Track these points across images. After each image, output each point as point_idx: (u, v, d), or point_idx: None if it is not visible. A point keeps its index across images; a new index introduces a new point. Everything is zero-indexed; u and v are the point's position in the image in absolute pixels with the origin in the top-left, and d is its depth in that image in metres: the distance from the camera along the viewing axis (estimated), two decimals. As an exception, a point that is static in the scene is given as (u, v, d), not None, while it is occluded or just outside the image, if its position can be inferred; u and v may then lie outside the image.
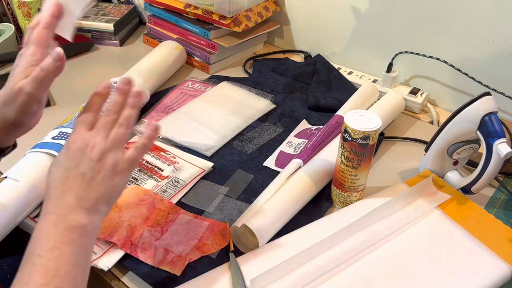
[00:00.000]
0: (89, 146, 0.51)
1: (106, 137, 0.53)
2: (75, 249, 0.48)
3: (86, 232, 0.49)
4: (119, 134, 0.53)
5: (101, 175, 0.51)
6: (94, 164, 0.51)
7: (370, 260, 0.65)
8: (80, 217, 0.49)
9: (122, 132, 0.53)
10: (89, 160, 0.51)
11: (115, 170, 0.52)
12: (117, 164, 0.52)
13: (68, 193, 0.50)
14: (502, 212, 0.75)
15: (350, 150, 0.67)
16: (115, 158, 0.52)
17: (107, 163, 0.51)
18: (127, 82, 0.56)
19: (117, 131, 0.53)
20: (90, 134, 0.52)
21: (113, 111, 0.54)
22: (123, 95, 0.55)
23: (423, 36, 0.96)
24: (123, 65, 1.10)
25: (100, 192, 0.51)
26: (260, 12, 1.11)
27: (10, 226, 0.66)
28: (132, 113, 0.55)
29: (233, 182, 0.78)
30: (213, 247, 0.66)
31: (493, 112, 0.69)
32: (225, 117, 0.92)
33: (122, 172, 0.53)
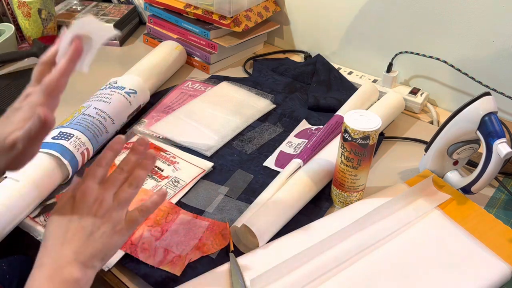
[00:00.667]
0: (96, 202, 0.52)
1: (112, 195, 0.54)
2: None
3: (79, 286, 0.50)
4: (126, 193, 0.54)
5: (101, 232, 0.52)
6: (97, 220, 0.52)
7: (370, 260, 0.65)
8: (74, 270, 0.49)
9: (130, 192, 0.55)
10: (93, 216, 0.52)
11: (115, 229, 0.53)
12: (119, 224, 0.53)
13: (67, 245, 0.50)
14: (502, 212, 0.75)
15: (350, 150, 0.67)
16: (118, 217, 0.53)
17: (109, 221, 0.52)
18: (143, 143, 0.57)
19: (125, 190, 0.54)
20: (99, 189, 0.53)
21: (125, 170, 0.55)
22: (137, 155, 0.56)
23: (423, 36, 0.96)
24: (123, 65, 1.10)
25: (97, 249, 0.51)
26: (260, 12, 1.11)
27: (10, 226, 0.66)
28: (143, 175, 0.56)
29: (233, 182, 0.78)
30: (213, 247, 0.66)
31: (493, 112, 0.69)
32: (225, 117, 0.92)
33: (121, 232, 0.53)
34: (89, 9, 1.23)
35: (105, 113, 0.81)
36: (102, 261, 0.53)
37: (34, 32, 1.10)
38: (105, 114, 0.81)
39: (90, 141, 0.76)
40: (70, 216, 0.52)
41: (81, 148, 0.74)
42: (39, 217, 0.69)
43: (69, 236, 0.51)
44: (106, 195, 0.53)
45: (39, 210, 0.70)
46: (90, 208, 0.52)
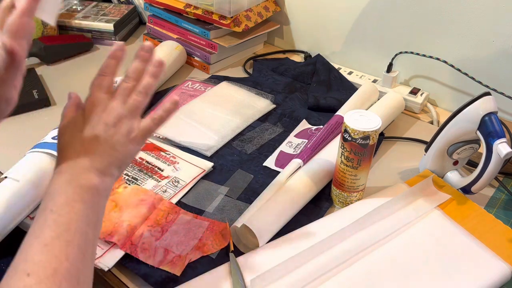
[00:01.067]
0: (106, 111, 0.52)
1: (123, 103, 0.53)
2: (86, 206, 0.48)
3: (98, 192, 0.50)
4: (136, 102, 0.53)
5: (115, 139, 0.51)
6: (109, 128, 0.51)
7: (370, 260, 0.65)
8: (92, 177, 0.50)
9: (139, 100, 0.54)
10: (104, 124, 0.51)
11: (129, 136, 0.52)
12: (132, 131, 0.53)
13: (82, 155, 0.50)
14: (502, 212, 0.75)
15: (350, 150, 0.67)
16: (130, 125, 0.53)
17: (122, 129, 0.52)
18: (148, 49, 0.55)
19: (135, 98, 0.53)
20: (108, 99, 0.53)
21: (133, 78, 0.54)
22: (143, 62, 0.55)
23: (423, 36, 0.96)
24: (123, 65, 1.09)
25: (113, 156, 0.51)
26: (260, 12, 1.11)
27: (10, 226, 0.66)
28: (152, 82, 0.55)
29: (233, 182, 0.78)
30: (213, 247, 0.66)
31: (493, 112, 0.69)
32: (225, 117, 0.92)
33: (136, 140, 0.53)
34: (89, 9, 1.23)
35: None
36: (119, 169, 0.53)
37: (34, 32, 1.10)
38: (105, 114, 0.81)
39: (90, 141, 0.76)
40: (81, 126, 0.51)
41: (81, 148, 0.74)
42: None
43: (84, 145, 0.51)
44: (115, 103, 0.52)
45: (39, 210, 0.70)
46: (101, 117, 0.52)
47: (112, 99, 0.53)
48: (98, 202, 0.50)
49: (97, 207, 0.50)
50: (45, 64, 1.09)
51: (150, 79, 0.55)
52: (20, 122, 0.89)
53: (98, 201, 0.50)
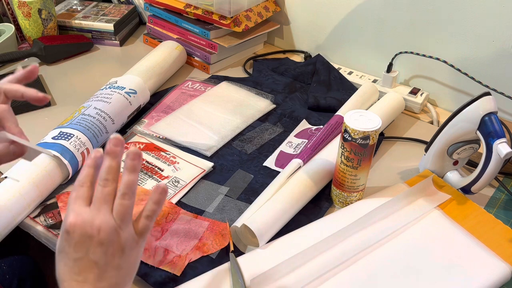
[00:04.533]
0: (94, 228, 0.44)
1: (110, 212, 0.45)
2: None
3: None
4: (124, 207, 0.46)
5: (117, 257, 0.45)
6: (106, 248, 0.44)
7: (370, 260, 0.65)
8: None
9: (126, 203, 0.46)
10: (99, 245, 0.44)
11: (130, 247, 0.46)
12: (132, 240, 0.46)
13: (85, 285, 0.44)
14: (502, 212, 0.75)
15: (350, 150, 0.67)
16: (127, 235, 0.46)
17: (121, 243, 0.45)
18: (117, 143, 0.47)
19: (120, 203, 0.46)
20: (92, 212, 0.45)
21: (110, 180, 0.46)
22: (116, 158, 0.47)
23: (423, 36, 0.96)
24: (123, 65, 1.10)
25: (120, 276, 0.46)
26: (260, 12, 1.11)
27: (10, 226, 0.66)
28: (133, 179, 0.46)
29: (233, 182, 0.78)
30: (213, 247, 0.66)
31: (493, 112, 0.69)
32: (225, 117, 0.92)
33: (137, 246, 0.47)
34: (89, 9, 1.23)
35: (105, 113, 0.81)
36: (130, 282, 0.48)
37: (34, 32, 1.10)
38: (105, 114, 0.81)
39: (90, 141, 0.76)
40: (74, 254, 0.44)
41: (81, 148, 0.74)
42: (39, 217, 0.69)
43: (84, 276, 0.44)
44: (101, 216, 0.45)
45: (39, 210, 0.70)
46: (92, 238, 0.44)
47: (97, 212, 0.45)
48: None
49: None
50: (45, 64, 1.09)
51: (130, 177, 0.46)
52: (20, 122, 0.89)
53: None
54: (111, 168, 0.46)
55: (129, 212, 0.46)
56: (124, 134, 0.87)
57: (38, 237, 0.68)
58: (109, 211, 0.45)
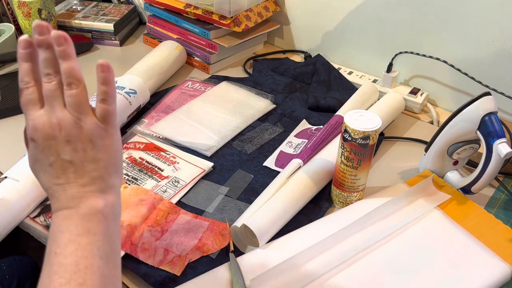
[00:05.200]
0: (55, 128, 0.43)
1: (63, 107, 0.44)
2: (94, 238, 0.42)
3: (104, 216, 0.44)
4: (75, 97, 0.44)
5: (89, 150, 0.44)
6: (75, 144, 0.43)
7: (370, 260, 0.65)
8: (92, 202, 0.43)
9: (75, 92, 0.44)
10: (66, 143, 0.43)
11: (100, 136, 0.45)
12: (97, 128, 0.45)
13: (68, 186, 0.44)
14: (502, 212, 0.75)
15: (350, 150, 0.67)
16: (89, 124, 0.44)
17: (86, 134, 0.44)
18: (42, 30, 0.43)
19: (70, 93, 0.44)
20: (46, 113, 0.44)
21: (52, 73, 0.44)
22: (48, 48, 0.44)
23: (423, 36, 0.96)
24: (123, 65, 1.10)
25: (102, 167, 0.45)
26: (260, 12, 1.11)
27: (10, 226, 0.66)
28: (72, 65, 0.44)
29: (233, 182, 0.78)
30: (213, 247, 0.66)
31: (493, 112, 0.69)
32: (225, 117, 0.92)
33: (107, 133, 0.45)
34: (89, 9, 1.23)
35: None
36: (117, 174, 0.46)
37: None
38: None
39: (90, 141, 0.76)
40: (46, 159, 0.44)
41: (81, 148, 0.74)
42: (39, 217, 0.69)
43: (63, 177, 0.44)
44: (57, 113, 0.43)
45: (39, 210, 0.70)
46: (56, 138, 0.43)
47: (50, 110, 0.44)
48: (107, 228, 0.43)
49: (108, 234, 0.43)
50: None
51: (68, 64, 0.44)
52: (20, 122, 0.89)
53: (107, 226, 0.43)
54: (48, 60, 0.44)
55: (82, 101, 0.44)
56: (124, 134, 0.87)
57: (38, 237, 0.68)
58: (62, 106, 0.44)
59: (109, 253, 0.43)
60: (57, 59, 0.44)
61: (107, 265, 0.42)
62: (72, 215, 0.43)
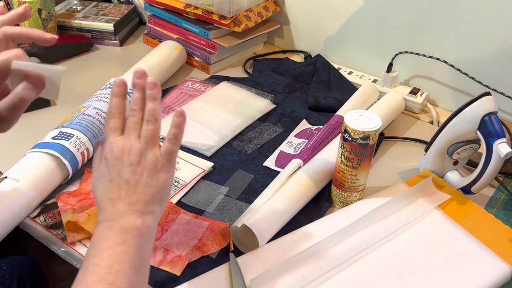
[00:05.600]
0: (125, 152, 0.52)
1: (138, 138, 0.53)
2: (128, 248, 0.48)
3: (140, 233, 0.49)
4: (149, 131, 0.53)
5: (144, 176, 0.52)
6: (135, 168, 0.51)
7: (370, 260, 0.65)
8: (132, 219, 0.49)
9: (151, 128, 0.53)
10: (129, 165, 0.52)
11: (157, 167, 0.52)
12: (157, 162, 0.53)
13: (117, 202, 0.50)
14: (502, 212, 0.75)
15: (350, 150, 0.67)
16: (153, 156, 0.53)
17: (147, 163, 0.52)
18: (141, 75, 0.55)
19: (145, 128, 0.53)
20: (123, 139, 0.53)
21: (137, 110, 0.54)
22: (141, 90, 0.55)
23: (423, 36, 0.96)
24: (123, 65, 1.10)
25: (149, 194, 0.51)
26: (260, 12, 1.11)
27: (10, 226, 0.66)
28: (155, 106, 0.54)
29: (233, 182, 0.78)
30: (213, 247, 0.66)
31: (493, 112, 0.69)
32: (225, 117, 0.92)
33: (164, 167, 0.53)
34: (89, 9, 1.23)
35: (105, 113, 0.81)
36: (160, 204, 0.53)
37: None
38: (105, 114, 0.81)
39: (90, 141, 0.76)
40: (109, 175, 0.52)
41: (81, 148, 0.74)
42: (39, 217, 0.69)
43: (117, 193, 0.51)
44: (131, 141, 0.53)
45: (39, 210, 0.70)
46: (123, 161, 0.52)
47: (127, 138, 0.53)
48: (141, 244, 0.49)
49: (141, 249, 0.49)
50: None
51: (152, 104, 0.54)
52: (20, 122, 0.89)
53: (141, 243, 0.49)
54: (137, 99, 0.54)
55: (153, 136, 0.53)
56: (124, 134, 0.87)
57: (38, 237, 0.68)
58: (137, 137, 0.53)
59: (139, 266, 0.48)
60: (144, 100, 0.55)
61: (135, 275, 0.47)
62: (113, 227, 0.49)
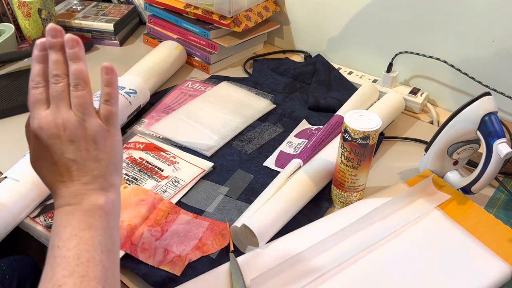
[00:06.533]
0: (59, 127, 0.45)
1: (69, 108, 0.46)
2: (95, 232, 0.44)
3: (105, 212, 0.46)
4: (80, 98, 0.46)
5: (91, 150, 0.46)
6: (78, 144, 0.46)
7: (370, 260, 0.65)
8: (94, 198, 0.45)
9: (81, 94, 0.46)
10: (69, 142, 0.45)
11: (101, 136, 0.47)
12: (100, 129, 0.47)
13: (71, 184, 0.46)
14: (502, 212, 0.75)
15: (350, 150, 0.67)
16: (93, 124, 0.46)
17: (89, 134, 0.46)
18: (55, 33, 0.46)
19: (75, 95, 0.46)
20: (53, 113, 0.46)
21: (60, 75, 0.46)
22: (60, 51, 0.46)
23: (423, 36, 0.96)
24: (123, 65, 1.10)
25: (103, 167, 0.47)
26: (260, 12, 1.11)
27: (10, 226, 0.66)
28: (81, 67, 0.46)
29: (233, 182, 0.78)
30: (213, 247, 0.66)
31: (493, 112, 0.69)
32: (225, 117, 0.92)
33: (109, 133, 0.48)
34: (89, 9, 1.23)
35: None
36: (117, 173, 0.49)
37: (34, 32, 1.10)
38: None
39: (90, 141, 0.76)
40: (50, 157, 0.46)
41: (81, 148, 0.74)
42: (39, 217, 0.69)
43: (67, 175, 0.46)
44: (62, 113, 0.45)
45: (39, 210, 0.70)
46: (60, 137, 0.45)
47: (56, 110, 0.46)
48: (108, 223, 0.46)
49: (109, 230, 0.45)
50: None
51: (76, 65, 0.46)
52: (20, 122, 0.89)
53: (108, 222, 0.46)
54: (58, 62, 0.46)
55: (87, 102, 0.46)
56: (124, 134, 0.87)
57: (38, 237, 0.68)
58: (68, 107, 0.46)
59: (109, 248, 0.45)
60: (66, 62, 0.46)
61: (108, 259, 0.44)
62: (74, 211, 0.45)
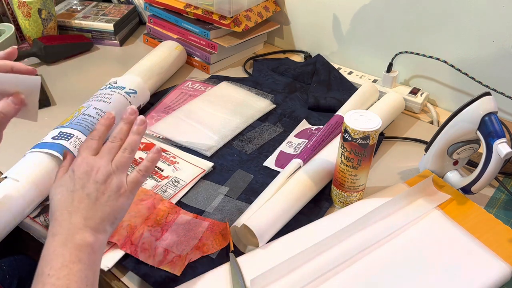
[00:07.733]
0: (94, 169, 0.54)
1: (110, 161, 0.55)
2: (83, 266, 0.49)
3: (93, 250, 0.51)
4: (123, 158, 0.56)
5: (106, 196, 0.54)
6: (99, 186, 0.53)
7: (370, 260, 0.65)
8: (87, 236, 0.51)
9: (125, 156, 0.56)
10: (94, 182, 0.53)
11: (119, 192, 0.55)
12: (121, 186, 0.55)
13: (75, 214, 0.52)
14: (502, 212, 0.75)
15: (350, 150, 0.67)
16: (119, 180, 0.55)
17: (112, 185, 0.54)
18: (133, 112, 0.59)
19: (121, 155, 0.56)
20: (95, 158, 0.55)
21: (118, 138, 0.57)
22: (128, 124, 0.59)
23: (423, 36, 0.96)
24: (123, 65, 1.10)
25: (106, 212, 0.53)
26: (260, 12, 1.11)
27: (10, 226, 0.66)
28: (136, 139, 0.58)
29: (233, 182, 0.78)
30: (213, 247, 0.66)
31: (493, 112, 0.69)
32: (225, 117, 0.92)
33: (126, 194, 0.55)
34: (89, 9, 1.23)
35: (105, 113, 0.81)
36: (112, 225, 0.54)
37: (34, 32, 1.10)
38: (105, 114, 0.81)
39: (90, 141, 0.76)
40: (72, 187, 0.53)
41: (81, 148, 0.74)
42: (39, 217, 0.69)
43: (76, 205, 0.52)
44: (102, 161, 0.55)
45: (39, 210, 0.70)
46: (90, 176, 0.54)
47: (99, 158, 0.55)
48: (94, 261, 0.51)
49: (94, 266, 0.51)
50: (45, 64, 1.09)
51: (134, 137, 0.58)
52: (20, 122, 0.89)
53: (94, 260, 0.51)
54: (122, 130, 0.58)
55: (125, 163, 0.56)
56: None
57: (38, 237, 0.68)
58: (109, 160, 0.55)
59: (92, 282, 0.50)
60: (128, 132, 0.58)
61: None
62: (67, 243, 0.50)
